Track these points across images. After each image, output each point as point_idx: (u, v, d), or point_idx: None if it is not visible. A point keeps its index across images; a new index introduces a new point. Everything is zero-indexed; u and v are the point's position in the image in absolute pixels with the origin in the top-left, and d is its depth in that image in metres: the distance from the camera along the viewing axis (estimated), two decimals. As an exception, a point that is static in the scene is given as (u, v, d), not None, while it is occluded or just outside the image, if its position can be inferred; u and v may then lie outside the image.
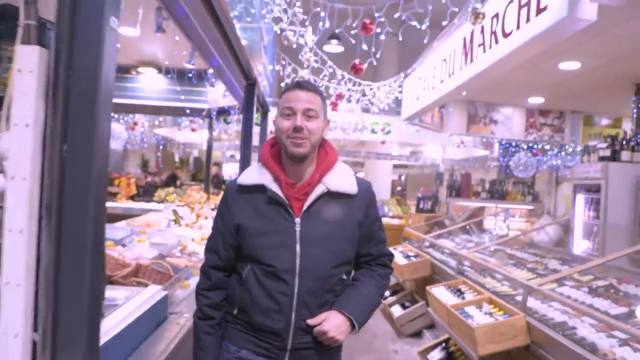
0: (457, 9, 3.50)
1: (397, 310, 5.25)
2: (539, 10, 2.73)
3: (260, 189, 1.55)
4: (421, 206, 7.65)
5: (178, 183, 10.29)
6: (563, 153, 9.22)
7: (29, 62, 1.08)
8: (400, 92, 7.09)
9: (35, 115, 1.08)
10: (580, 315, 2.72)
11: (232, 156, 15.61)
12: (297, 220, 1.53)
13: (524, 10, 2.90)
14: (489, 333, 2.80)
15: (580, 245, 5.67)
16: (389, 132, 10.17)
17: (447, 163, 13.97)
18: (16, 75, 1.06)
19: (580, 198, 5.78)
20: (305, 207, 1.54)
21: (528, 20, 2.86)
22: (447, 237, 6.08)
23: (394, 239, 7.13)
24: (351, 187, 1.60)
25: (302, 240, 1.52)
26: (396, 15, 3.33)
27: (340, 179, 1.60)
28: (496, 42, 3.31)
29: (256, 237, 1.53)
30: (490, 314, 3.08)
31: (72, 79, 1.09)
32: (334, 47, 7.23)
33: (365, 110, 8.21)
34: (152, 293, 2.12)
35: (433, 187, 10.65)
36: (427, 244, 5.75)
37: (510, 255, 4.58)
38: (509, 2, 3.12)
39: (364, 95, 6.92)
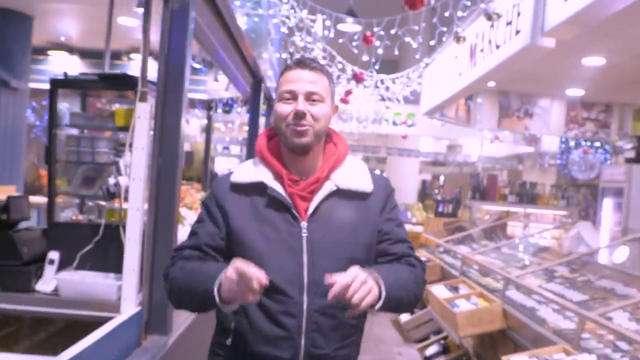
0: (445, 29, 4.84)
1: (404, 317, 6.62)
2: (516, 32, 4.09)
3: (258, 187, 1.65)
4: (440, 210, 9.00)
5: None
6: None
7: (143, 112, 2.47)
8: (420, 83, 8.44)
9: (146, 142, 2.47)
10: (549, 302, 4.06)
11: (225, 148, 17.17)
12: (304, 224, 1.63)
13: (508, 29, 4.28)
14: (469, 318, 4.16)
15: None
16: (412, 125, 11.53)
17: (486, 161, 15.25)
18: (137, 120, 2.45)
19: (608, 202, 7.08)
20: (311, 208, 1.63)
21: (510, 39, 4.24)
22: (467, 244, 7.40)
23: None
24: (365, 185, 1.69)
25: (309, 248, 1.60)
26: (392, 32, 4.65)
27: (352, 175, 1.69)
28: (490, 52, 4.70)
29: (255, 244, 1.62)
30: (476, 304, 4.43)
31: (164, 121, 2.49)
32: (350, 25, 8.43)
33: (383, 99, 9.49)
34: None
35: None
36: (441, 249, 7.08)
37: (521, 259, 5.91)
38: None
39: (376, 87, 8.26)
